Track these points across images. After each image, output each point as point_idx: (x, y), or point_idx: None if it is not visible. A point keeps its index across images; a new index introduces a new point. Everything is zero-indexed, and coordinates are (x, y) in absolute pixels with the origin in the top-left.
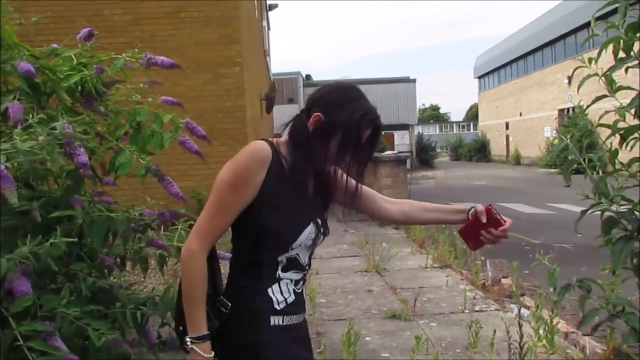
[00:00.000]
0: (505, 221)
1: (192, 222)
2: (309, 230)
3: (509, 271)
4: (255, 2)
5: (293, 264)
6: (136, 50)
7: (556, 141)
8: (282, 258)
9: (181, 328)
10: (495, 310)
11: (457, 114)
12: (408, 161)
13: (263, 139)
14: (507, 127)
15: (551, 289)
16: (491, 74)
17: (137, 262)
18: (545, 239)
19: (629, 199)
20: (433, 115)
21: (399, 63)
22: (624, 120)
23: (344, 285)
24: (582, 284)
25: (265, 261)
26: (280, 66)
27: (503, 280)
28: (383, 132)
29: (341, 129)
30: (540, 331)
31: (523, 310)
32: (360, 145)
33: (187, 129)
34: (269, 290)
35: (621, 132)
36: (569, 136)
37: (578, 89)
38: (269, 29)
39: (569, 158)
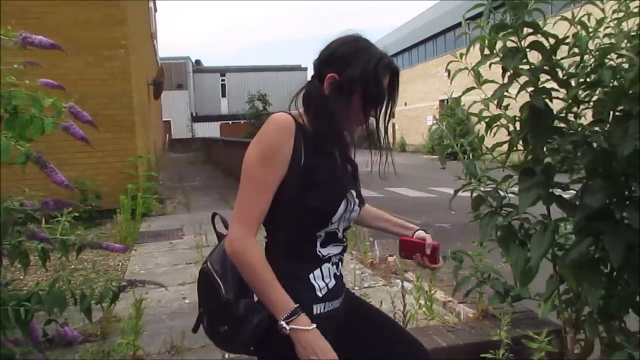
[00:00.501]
0: (439, 262)
1: (77, 214)
2: (344, 203)
3: (395, 250)
4: None
5: (332, 238)
6: (9, 27)
7: (434, 127)
8: (322, 232)
9: (226, 327)
10: (382, 285)
11: None
12: None
13: (282, 112)
14: (393, 116)
15: None
16: None
17: (17, 257)
18: (427, 219)
19: (494, 179)
20: None
21: (296, 51)
22: (488, 109)
23: None
24: (455, 255)
25: (305, 239)
26: (169, 51)
27: (389, 259)
28: None
29: (360, 83)
30: (421, 301)
31: (406, 284)
32: (383, 94)
33: (70, 113)
34: (311, 276)
35: (486, 120)
36: (444, 124)
37: (451, 81)
38: (155, 10)
39: (444, 143)
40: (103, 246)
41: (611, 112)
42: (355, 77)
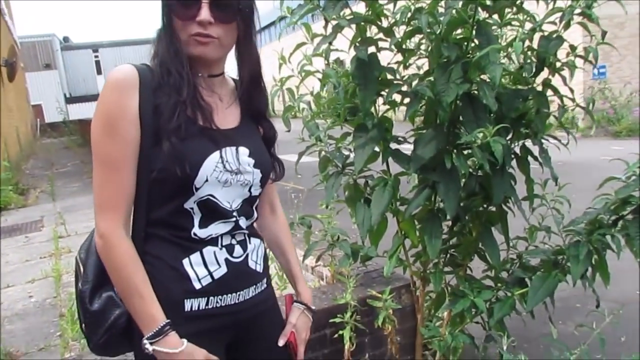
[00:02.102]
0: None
1: None
2: (216, 159)
3: None
4: None
5: (212, 213)
6: None
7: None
8: (192, 205)
9: (84, 324)
10: None
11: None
12: None
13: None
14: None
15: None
16: None
17: None
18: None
19: (335, 138)
20: None
21: None
22: (311, 64)
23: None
24: (303, 221)
25: (171, 215)
26: (33, 29)
27: None
28: None
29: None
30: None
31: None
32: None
33: None
34: (185, 262)
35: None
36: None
37: (279, 38)
38: None
39: (286, 105)
40: None
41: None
42: None
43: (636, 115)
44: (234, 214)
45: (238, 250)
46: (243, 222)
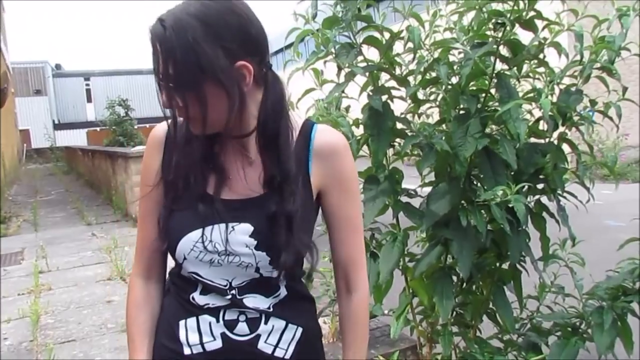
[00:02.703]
0: None
1: None
2: (195, 238)
3: None
4: None
5: (207, 286)
6: None
7: None
8: (188, 275)
9: None
10: None
11: None
12: None
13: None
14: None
15: None
16: None
17: None
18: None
19: None
20: None
21: None
22: (325, 112)
23: (81, 299)
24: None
25: (178, 276)
26: (28, 54)
27: None
28: (148, 125)
29: None
30: None
31: None
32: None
33: None
34: (181, 323)
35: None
36: None
37: (288, 81)
38: (3, 11)
39: None
40: None
41: (453, 111)
42: None
43: (624, 159)
44: (232, 292)
45: (243, 328)
46: (253, 301)
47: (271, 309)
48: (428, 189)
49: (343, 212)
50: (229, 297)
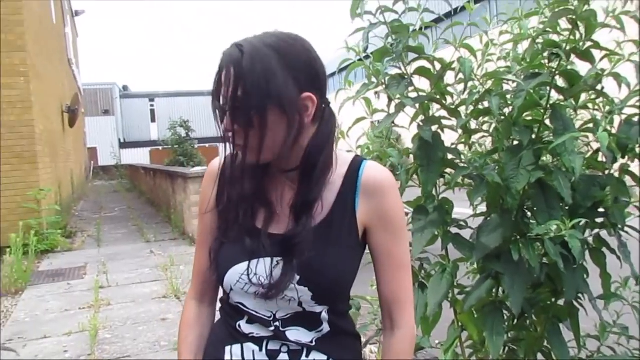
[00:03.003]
0: None
1: None
2: (241, 271)
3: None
4: (53, 6)
5: (252, 317)
6: None
7: None
8: (235, 304)
9: None
10: None
11: None
12: None
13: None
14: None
15: None
16: None
17: None
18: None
19: None
20: None
21: None
22: (373, 142)
23: (137, 315)
24: (351, 301)
25: (228, 304)
26: (99, 76)
27: None
28: (208, 145)
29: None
30: None
31: None
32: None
33: None
34: (227, 348)
35: (375, 154)
36: None
37: (339, 111)
38: (77, 35)
39: None
40: None
41: (505, 142)
42: None
43: None
44: (276, 324)
45: (284, 359)
46: (296, 334)
47: (314, 343)
48: (479, 220)
49: (388, 249)
50: (272, 328)
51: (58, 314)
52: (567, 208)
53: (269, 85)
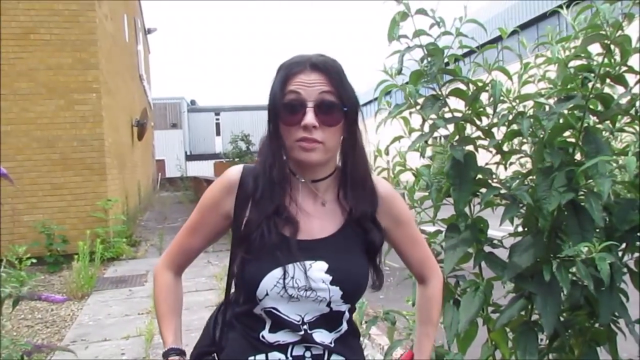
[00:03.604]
0: None
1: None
2: (277, 276)
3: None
4: (127, 26)
5: (280, 322)
6: None
7: None
8: (259, 312)
9: None
10: None
11: None
12: None
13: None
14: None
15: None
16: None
17: None
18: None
19: (427, 233)
20: None
21: None
22: (404, 160)
23: (190, 322)
24: (387, 316)
25: (248, 313)
26: (168, 91)
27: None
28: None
29: (269, 108)
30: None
31: (366, 341)
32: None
33: None
34: (251, 359)
35: (412, 172)
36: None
37: (376, 130)
38: (148, 52)
39: None
40: (42, 298)
41: (540, 164)
42: (269, 103)
43: None
44: (304, 327)
45: None
46: (320, 336)
47: (332, 344)
48: (516, 240)
49: (407, 236)
50: (301, 332)
51: (119, 318)
52: (603, 231)
53: (355, 93)
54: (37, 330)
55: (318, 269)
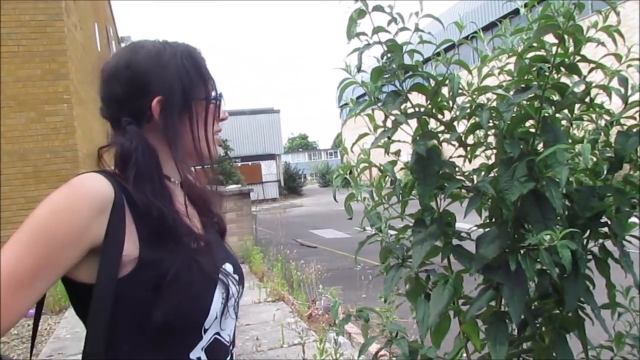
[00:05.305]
0: None
1: None
2: (219, 292)
3: (343, 298)
4: (98, 35)
5: (215, 350)
6: None
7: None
8: (199, 354)
9: None
10: (313, 341)
11: (326, 142)
12: (251, 194)
13: (96, 171)
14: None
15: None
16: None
17: None
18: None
19: (396, 229)
20: (302, 144)
21: (275, 92)
22: (367, 157)
23: None
24: (360, 314)
25: None
26: None
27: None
28: (250, 163)
29: (181, 104)
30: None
31: (341, 338)
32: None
33: None
34: None
35: (378, 167)
36: (348, 172)
37: (342, 127)
38: None
39: (349, 192)
40: None
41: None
42: (175, 96)
43: None
44: (230, 347)
45: None
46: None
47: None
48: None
49: None
50: (231, 348)
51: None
52: (566, 219)
53: None
54: (13, 346)
55: (230, 271)
